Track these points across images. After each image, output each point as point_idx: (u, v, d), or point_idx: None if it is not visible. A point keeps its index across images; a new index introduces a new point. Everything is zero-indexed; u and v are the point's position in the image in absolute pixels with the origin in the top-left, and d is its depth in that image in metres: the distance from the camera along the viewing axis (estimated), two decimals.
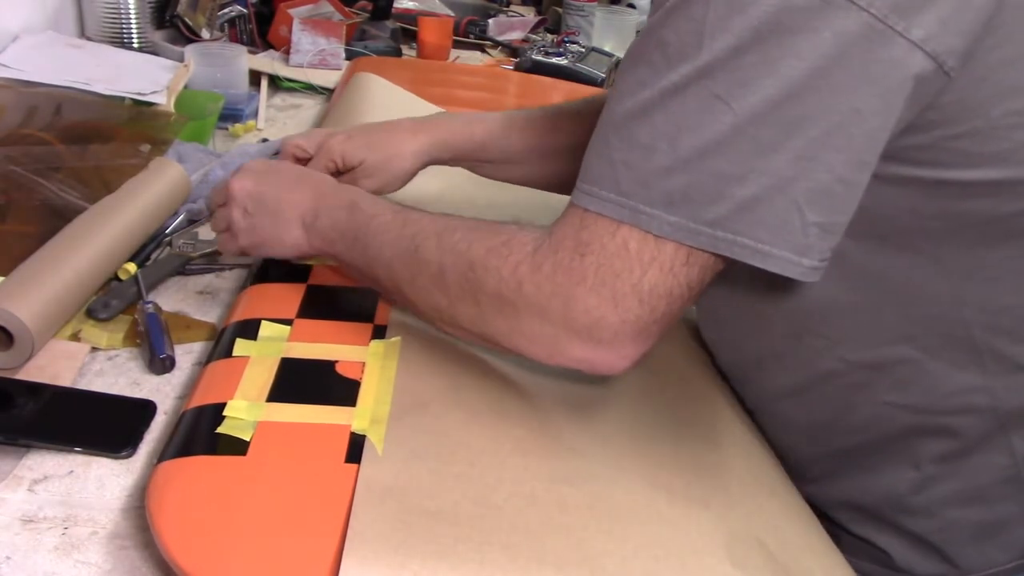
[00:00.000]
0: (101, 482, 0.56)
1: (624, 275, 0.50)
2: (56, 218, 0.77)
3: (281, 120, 1.25)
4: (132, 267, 0.77)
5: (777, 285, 0.61)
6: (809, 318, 0.62)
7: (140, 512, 0.54)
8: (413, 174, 0.83)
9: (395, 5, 1.73)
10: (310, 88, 1.38)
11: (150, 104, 1.07)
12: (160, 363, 0.67)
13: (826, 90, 0.46)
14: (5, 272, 0.68)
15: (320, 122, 1.21)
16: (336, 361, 0.63)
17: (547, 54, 1.60)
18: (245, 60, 1.24)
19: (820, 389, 0.64)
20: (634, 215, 0.49)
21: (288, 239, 0.70)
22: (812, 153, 0.46)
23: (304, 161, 0.83)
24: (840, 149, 0.47)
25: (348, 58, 1.49)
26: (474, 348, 0.66)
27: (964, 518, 0.64)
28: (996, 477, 0.63)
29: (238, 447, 0.54)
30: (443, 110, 1.20)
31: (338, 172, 0.82)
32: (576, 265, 0.51)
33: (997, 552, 0.64)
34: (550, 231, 0.53)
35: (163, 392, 0.65)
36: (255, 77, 1.32)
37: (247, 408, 0.57)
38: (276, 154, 1.01)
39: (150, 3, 1.31)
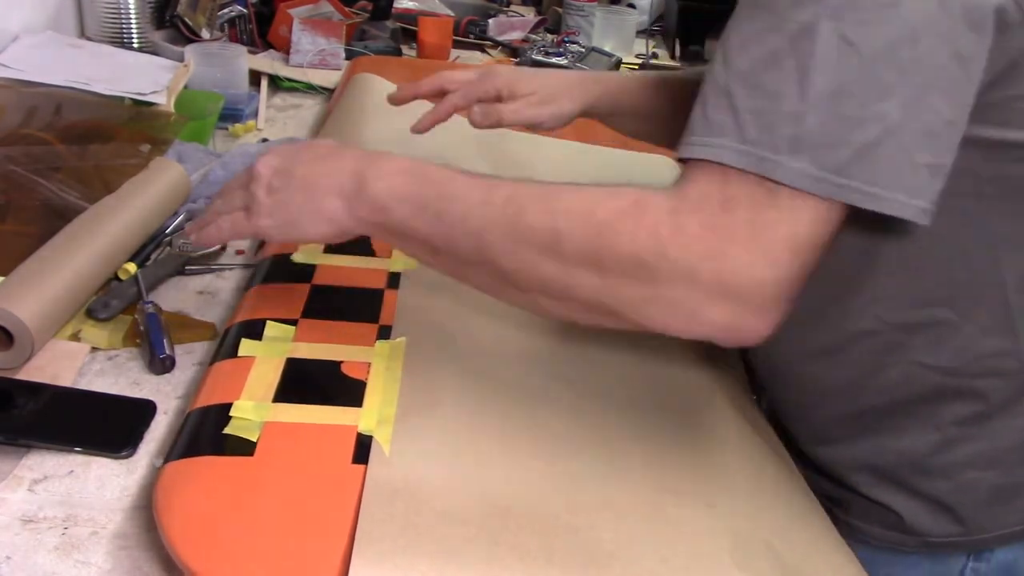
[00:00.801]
0: (101, 482, 0.56)
1: (773, 227, 0.48)
2: (56, 218, 0.76)
3: (281, 120, 1.25)
4: (132, 267, 0.76)
5: None
6: (852, 276, 0.62)
7: (140, 512, 0.54)
8: (572, 118, 0.85)
9: (395, 5, 1.73)
10: (310, 88, 1.37)
11: (150, 104, 1.07)
12: (160, 363, 0.66)
13: (934, 34, 0.47)
14: (5, 272, 0.68)
15: (320, 122, 1.21)
16: (342, 361, 0.63)
17: (547, 54, 1.59)
18: (245, 60, 1.23)
19: (853, 349, 0.65)
20: (761, 163, 0.48)
21: (324, 211, 0.60)
22: (921, 96, 0.48)
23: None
24: (945, 92, 0.48)
25: (348, 58, 1.48)
26: (478, 348, 0.66)
27: (981, 481, 0.65)
28: (1016, 441, 0.64)
29: (245, 448, 0.54)
30: None
31: (494, 100, 0.83)
32: (726, 222, 0.48)
33: (1009, 514, 0.65)
34: (681, 189, 0.51)
35: (163, 392, 0.65)
36: (255, 77, 1.32)
37: (253, 408, 0.57)
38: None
39: (150, 3, 1.30)
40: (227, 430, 0.55)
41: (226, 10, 1.44)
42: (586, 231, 0.51)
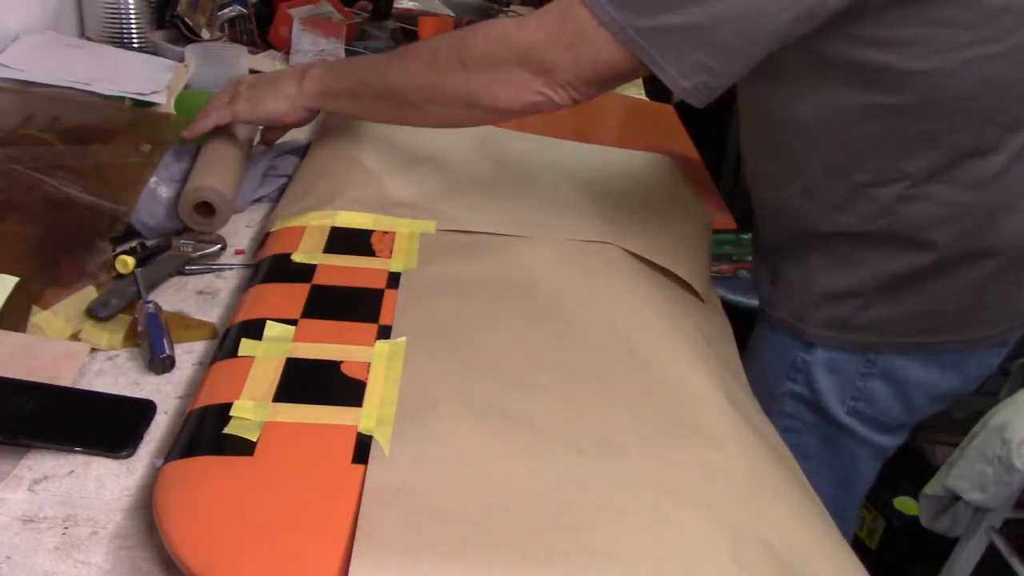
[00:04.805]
0: (101, 482, 0.56)
1: (588, 46, 0.71)
2: (58, 213, 0.76)
3: None
4: (131, 261, 0.76)
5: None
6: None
7: (140, 512, 0.54)
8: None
9: (395, 5, 1.73)
10: None
11: (150, 104, 1.07)
12: (160, 363, 0.66)
13: None
14: (5, 271, 0.68)
15: (320, 122, 1.20)
16: (341, 361, 0.63)
17: None
18: (245, 60, 1.23)
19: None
20: (594, 3, 0.69)
21: (282, 90, 0.89)
22: (724, 15, 0.66)
23: None
24: (746, 21, 0.66)
25: None
26: (478, 347, 0.66)
27: None
28: None
29: (245, 447, 0.54)
30: None
31: None
32: (556, 31, 0.72)
33: None
34: (538, 9, 0.74)
35: (163, 392, 0.65)
36: None
37: (253, 408, 0.57)
38: (280, 156, 1.01)
39: (150, 3, 1.30)
40: (227, 430, 0.55)
41: (226, 10, 1.44)
42: (454, 42, 0.77)
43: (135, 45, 1.28)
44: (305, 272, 0.74)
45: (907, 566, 1.60)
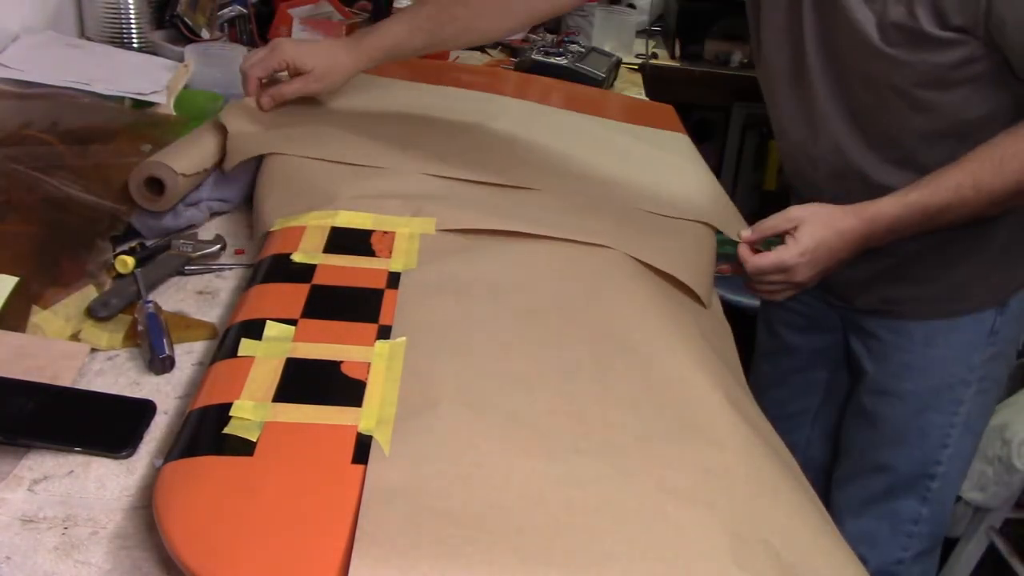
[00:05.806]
0: (101, 482, 0.56)
1: None
2: (58, 212, 0.77)
3: None
4: (131, 261, 0.76)
5: None
6: None
7: (140, 512, 0.54)
8: (343, 84, 1.06)
9: (394, 5, 1.73)
10: None
11: (150, 104, 1.07)
12: (160, 363, 0.66)
13: None
14: (5, 270, 0.68)
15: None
16: (341, 361, 0.63)
17: (547, 54, 1.60)
18: None
19: None
20: None
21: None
22: None
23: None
24: None
25: None
26: (478, 347, 0.66)
27: None
28: None
29: (245, 447, 0.54)
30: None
31: (283, 70, 1.02)
32: None
33: None
34: None
35: (163, 392, 0.65)
36: None
37: (253, 408, 0.57)
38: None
39: (150, 3, 1.30)
40: (227, 430, 0.55)
41: (226, 10, 1.44)
42: None
43: (135, 45, 1.28)
44: (305, 272, 0.74)
45: None
